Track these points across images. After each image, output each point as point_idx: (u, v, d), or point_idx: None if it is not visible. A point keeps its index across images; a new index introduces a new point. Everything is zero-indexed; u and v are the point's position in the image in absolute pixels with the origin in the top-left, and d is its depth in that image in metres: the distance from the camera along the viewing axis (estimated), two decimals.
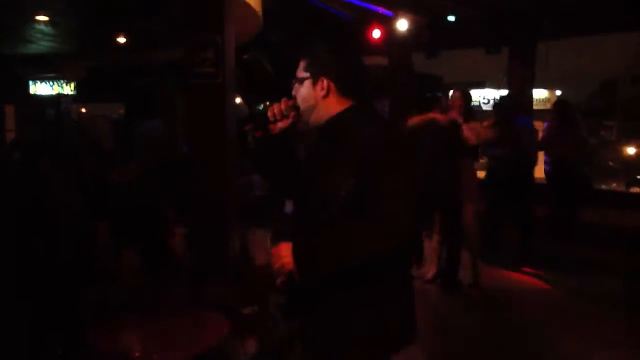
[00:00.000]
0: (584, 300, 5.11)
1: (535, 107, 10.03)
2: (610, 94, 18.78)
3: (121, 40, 8.67)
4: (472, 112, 5.23)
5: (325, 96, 1.87)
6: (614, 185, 12.32)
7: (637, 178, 12.02)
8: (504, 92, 11.13)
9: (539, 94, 15.92)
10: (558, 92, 16.58)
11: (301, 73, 1.91)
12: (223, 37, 4.24)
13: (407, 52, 9.02)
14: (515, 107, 6.45)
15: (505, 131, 5.56)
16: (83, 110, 13.75)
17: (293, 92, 1.94)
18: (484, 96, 16.36)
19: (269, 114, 1.93)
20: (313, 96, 1.88)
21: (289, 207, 7.77)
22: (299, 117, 1.94)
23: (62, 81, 12.31)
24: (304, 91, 1.90)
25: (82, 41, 9.49)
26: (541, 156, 7.00)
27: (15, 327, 3.13)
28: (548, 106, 13.92)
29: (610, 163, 16.30)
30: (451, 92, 5.39)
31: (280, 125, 1.95)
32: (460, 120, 4.81)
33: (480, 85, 17.20)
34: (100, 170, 3.96)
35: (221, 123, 4.31)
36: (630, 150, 14.83)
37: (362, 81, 1.92)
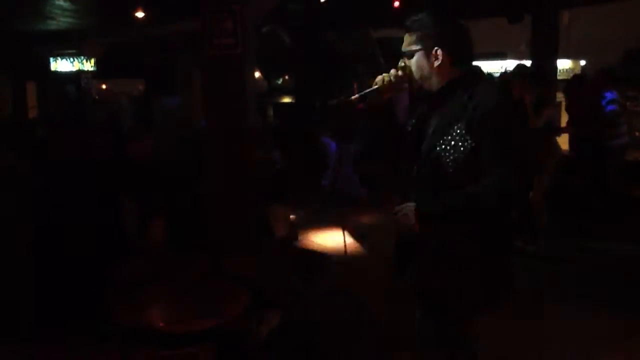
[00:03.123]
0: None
1: (559, 77, 9.83)
2: (636, 63, 18.31)
3: (140, 14, 8.64)
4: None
5: (439, 66, 1.99)
6: None
7: None
8: (527, 62, 10.92)
9: (563, 64, 15.58)
10: (582, 62, 16.22)
11: (411, 46, 2.03)
12: (242, 8, 4.20)
13: None
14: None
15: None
16: (103, 86, 13.83)
17: (401, 65, 2.07)
18: (506, 67, 16.08)
19: (379, 80, 2.05)
20: (427, 67, 2.01)
21: (326, 179, 7.78)
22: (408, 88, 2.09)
23: (82, 57, 12.36)
24: (417, 63, 2.03)
25: (101, 17, 9.49)
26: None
27: (41, 303, 3.20)
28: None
29: (637, 134, 15.97)
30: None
31: (392, 93, 2.10)
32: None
33: (502, 56, 16.88)
34: (118, 145, 3.99)
35: (241, 95, 4.29)
36: None
37: (470, 49, 2.06)
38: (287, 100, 13.18)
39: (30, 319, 3.32)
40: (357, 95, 2.05)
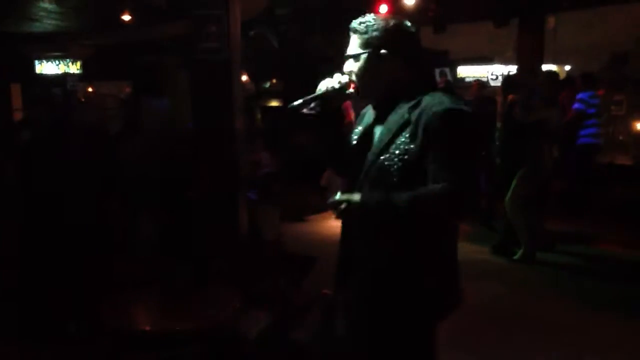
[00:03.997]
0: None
1: None
2: (620, 68, 18.52)
3: (126, 17, 8.61)
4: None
5: (385, 70, 1.89)
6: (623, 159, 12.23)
7: None
8: (513, 67, 11.01)
9: (548, 68, 15.73)
10: (567, 67, 16.39)
11: (357, 49, 1.91)
12: (228, 12, 4.20)
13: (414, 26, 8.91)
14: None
15: None
16: (90, 89, 13.74)
17: (346, 69, 1.95)
18: (492, 72, 16.19)
19: (327, 88, 1.95)
20: (372, 71, 1.90)
21: (324, 180, 7.77)
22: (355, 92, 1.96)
23: (68, 60, 12.27)
24: (362, 66, 1.91)
25: (88, 19, 9.44)
26: None
27: (26, 302, 3.17)
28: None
29: (620, 138, 16.16)
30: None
31: (335, 101, 1.98)
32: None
33: (488, 60, 17.01)
34: (105, 146, 3.98)
35: (228, 98, 4.29)
36: None
37: (419, 53, 1.95)
38: (275, 103, 13.20)
39: (13, 319, 3.29)
40: (299, 101, 1.94)
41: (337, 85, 1.94)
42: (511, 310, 4.32)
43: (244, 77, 10.17)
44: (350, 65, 1.94)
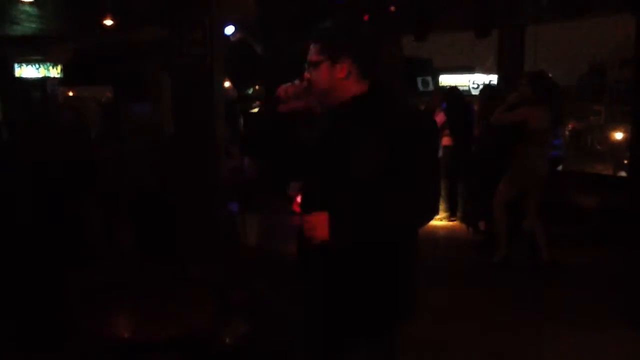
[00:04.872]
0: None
1: None
2: (599, 77, 18.82)
3: (108, 21, 8.55)
4: None
5: (345, 78, 1.86)
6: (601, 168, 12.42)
7: (624, 162, 12.10)
8: (494, 76, 11.14)
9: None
10: None
11: (316, 56, 1.88)
12: (211, 17, 4.20)
13: (396, 35, 8.99)
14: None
15: None
16: (70, 93, 13.61)
17: (306, 76, 1.92)
18: (474, 81, 16.37)
19: (281, 92, 1.94)
20: (332, 79, 1.87)
21: (293, 188, 7.79)
22: (313, 100, 1.94)
23: (48, 64, 12.16)
24: (321, 74, 1.88)
25: (68, 22, 9.36)
26: None
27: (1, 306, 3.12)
28: None
29: (599, 147, 16.41)
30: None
31: (293, 105, 1.96)
32: None
33: (470, 69, 17.19)
34: (84, 148, 3.94)
35: (210, 104, 4.28)
36: (618, 135, 14.93)
37: (380, 62, 1.93)
38: (257, 110, 13.18)
39: None
40: (257, 103, 1.97)
41: (293, 90, 1.93)
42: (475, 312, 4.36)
43: (227, 83, 10.16)
44: (309, 72, 1.91)
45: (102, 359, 2.80)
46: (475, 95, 14.79)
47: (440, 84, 15.40)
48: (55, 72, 12.39)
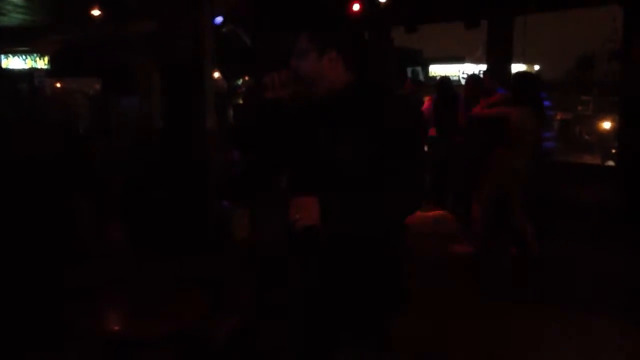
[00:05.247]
0: None
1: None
2: (587, 69, 18.95)
3: (96, 12, 8.47)
4: None
5: (332, 69, 1.87)
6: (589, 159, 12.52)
7: (612, 152, 12.21)
8: (483, 67, 11.17)
9: (518, 69, 16.02)
10: (536, 67, 16.68)
11: (305, 45, 1.88)
12: (201, 10, 4.17)
13: (386, 26, 8.98)
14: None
15: None
16: (58, 85, 13.49)
17: (293, 65, 1.91)
18: (463, 71, 16.41)
19: (267, 80, 1.93)
20: (318, 69, 1.87)
21: (283, 180, 7.76)
22: (299, 90, 1.95)
23: (35, 55, 12.03)
24: (308, 64, 1.88)
25: (56, 13, 9.26)
26: None
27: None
28: None
29: (587, 137, 16.54)
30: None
31: (278, 93, 1.95)
32: None
33: (460, 60, 17.24)
34: (72, 144, 3.92)
35: (199, 97, 4.26)
36: (606, 125, 15.06)
37: (365, 56, 1.96)
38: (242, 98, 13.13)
39: None
40: (243, 90, 1.96)
41: (280, 78, 1.92)
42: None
43: (216, 74, 10.12)
44: (296, 60, 1.91)
45: (94, 356, 2.81)
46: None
47: (430, 74, 15.45)
48: (42, 63, 12.26)
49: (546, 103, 6.81)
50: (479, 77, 6.63)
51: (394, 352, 2.03)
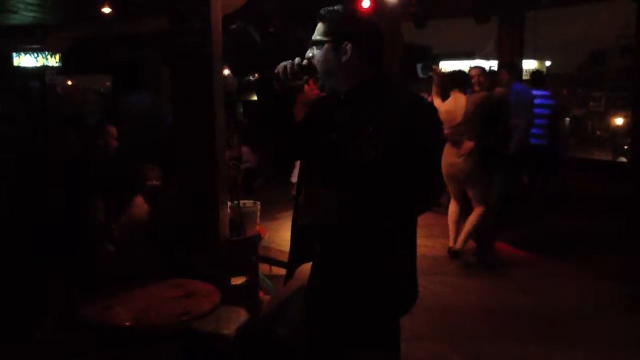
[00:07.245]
0: None
1: (525, 78, 10.01)
2: (599, 64, 18.78)
3: (106, 10, 8.51)
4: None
5: (347, 61, 1.87)
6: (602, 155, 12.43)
7: (624, 148, 12.11)
8: (494, 62, 11.11)
9: (529, 64, 15.90)
10: (548, 63, 16.54)
11: (321, 37, 1.90)
12: (209, 6, 4.17)
13: (396, 21, 8.94)
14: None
15: None
16: (69, 82, 13.57)
17: (308, 55, 1.92)
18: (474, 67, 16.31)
19: (279, 69, 1.93)
20: (333, 61, 1.88)
21: (294, 175, 7.79)
22: (313, 80, 1.95)
23: (46, 53, 12.08)
24: (323, 55, 1.89)
25: (67, 11, 9.31)
26: None
27: (5, 298, 3.15)
28: None
29: (598, 133, 16.41)
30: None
31: (290, 84, 1.96)
32: None
33: (470, 55, 17.13)
34: (84, 141, 3.94)
35: (209, 94, 4.26)
36: (618, 121, 14.93)
37: (381, 51, 1.94)
38: (256, 98, 13.14)
39: None
40: (252, 78, 1.97)
41: (296, 68, 1.90)
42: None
43: (226, 72, 10.14)
44: (313, 51, 1.92)
45: (104, 347, 2.83)
46: None
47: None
48: (54, 60, 12.30)
49: (546, 101, 6.78)
50: (493, 71, 6.56)
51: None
